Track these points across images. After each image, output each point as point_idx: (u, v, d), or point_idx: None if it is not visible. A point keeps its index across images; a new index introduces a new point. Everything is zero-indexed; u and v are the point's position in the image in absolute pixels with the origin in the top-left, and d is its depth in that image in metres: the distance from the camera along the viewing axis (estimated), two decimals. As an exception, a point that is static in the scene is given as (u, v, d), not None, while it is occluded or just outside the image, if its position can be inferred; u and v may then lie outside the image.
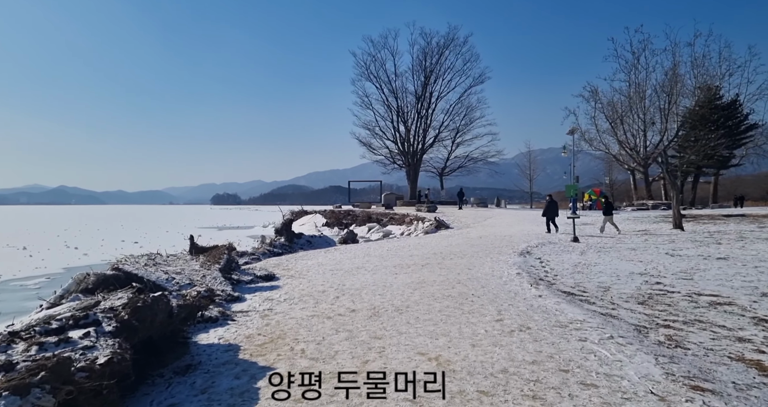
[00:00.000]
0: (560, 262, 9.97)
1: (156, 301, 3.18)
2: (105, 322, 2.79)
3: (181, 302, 3.68)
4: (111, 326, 2.76)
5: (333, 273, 8.31)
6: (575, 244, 13.46)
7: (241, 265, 9.30)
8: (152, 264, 6.18)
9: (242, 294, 6.39)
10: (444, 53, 41.69)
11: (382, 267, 9.03)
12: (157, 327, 3.21)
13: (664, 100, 39.83)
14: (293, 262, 10.31)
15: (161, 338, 3.62)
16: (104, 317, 2.84)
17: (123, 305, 3.05)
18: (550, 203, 15.91)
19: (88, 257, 16.00)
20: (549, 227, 15.83)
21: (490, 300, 5.69)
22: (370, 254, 11.43)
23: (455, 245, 13.20)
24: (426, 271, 8.35)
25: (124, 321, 2.83)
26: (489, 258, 10.46)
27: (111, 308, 3.01)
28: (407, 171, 43.06)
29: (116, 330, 2.75)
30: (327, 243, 15.41)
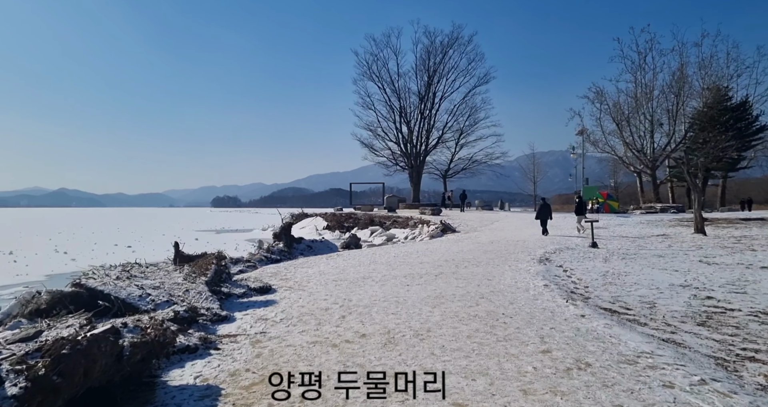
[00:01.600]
0: (586, 271, 9.06)
1: (94, 343, 2.27)
2: (9, 382, 1.88)
3: (138, 339, 2.76)
4: (18, 387, 1.86)
5: (337, 285, 7.40)
6: (595, 250, 12.56)
7: (234, 274, 8.39)
8: (126, 277, 5.27)
9: (231, 312, 5.47)
10: (448, 52, 40.57)
11: (391, 276, 8.11)
12: (96, 377, 2.30)
13: (671, 101, 38.98)
14: (292, 271, 9.39)
15: (114, 383, 2.70)
16: (9, 372, 1.93)
17: (42, 350, 2.13)
18: (543, 206, 16.04)
19: (75, 263, 15.10)
20: (545, 229, 15.93)
21: (526, 322, 4.77)
22: (377, 261, 10.51)
23: (467, 251, 12.28)
24: (441, 282, 7.44)
25: (38, 379, 1.93)
26: (507, 266, 9.55)
27: (24, 356, 2.08)
28: (410, 173, 42.01)
29: (25, 393, 1.85)
30: (329, 249, 14.50)
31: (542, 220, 15.93)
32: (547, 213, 15.98)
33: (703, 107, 39.63)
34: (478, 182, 53.72)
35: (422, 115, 41.52)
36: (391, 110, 41.80)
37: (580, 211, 16.44)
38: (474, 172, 43.18)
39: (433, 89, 41.10)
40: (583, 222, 15.74)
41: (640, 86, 40.64)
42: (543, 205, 16.26)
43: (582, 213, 16.39)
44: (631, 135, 41.06)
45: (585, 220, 15.36)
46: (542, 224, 15.91)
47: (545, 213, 15.97)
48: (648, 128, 40.80)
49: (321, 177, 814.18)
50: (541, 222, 15.95)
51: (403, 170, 42.86)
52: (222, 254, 6.79)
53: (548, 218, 16.02)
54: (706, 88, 40.33)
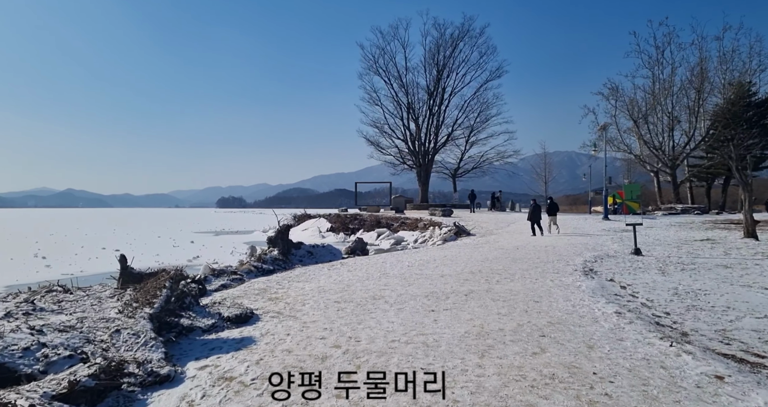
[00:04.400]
0: (648, 287, 7.29)
1: None
2: None
3: None
4: None
5: (339, 309, 5.65)
6: (641, 258, 10.78)
7: (213, 292, 6.68)
8: (24, 313, 3.59)
9: (183, 363, 3.74)
10: (458, 45, 38.68)
11: (409, 296, 6.37)
12: None
13: (692, 97, 37.00)
14: (285, 286, 7.67)
15: None
16: None
17: None
18: (535, 207, 16.25)
19: (49, 270, 13.50)
20: (534, 230, 16.17)
21: (643, 396, 2.99)
22: (388, 273, 8.76)
23: (492, 259, 10.51)
24: (476, 306, 5.69)
25: None
26: (548, 279, 7.79)
27: None
28: (418, 172, 40.11)
29: None
30: (331, 255, 12.77)
31: (533, 221, 16.19)
32: (538, 215, 16.23)
33: (725, 103, 37.63)
34: (483, 183, 51.37)
35: (431, 112, 39.65)
36: (399, 106, 39.96)
37: (552, 211, 17.18)
38: (485, 172, 41.28)
39: (442, 84, 39.23)
40: (556, 222, 16.83)
41: (657, 82, 38.72)
42: (534, 207, 16.36)
43: (554, 213, 17.15)
44: (648, 132, 39.15)
45: (553, 222, 16.74)
46: (533, 225, 16.20)
47: (537, 214, 16.19)
48: (668, 125, 38.83)
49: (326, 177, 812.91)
50: (532, 223, 16.23)
51: (410, 169, 41.01)
52: (181, 273, 5.06)
53: (539, 219, 16.29)
54: (729, 84, 38.35)
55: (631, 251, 11.49)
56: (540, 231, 16.21)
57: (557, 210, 17.72)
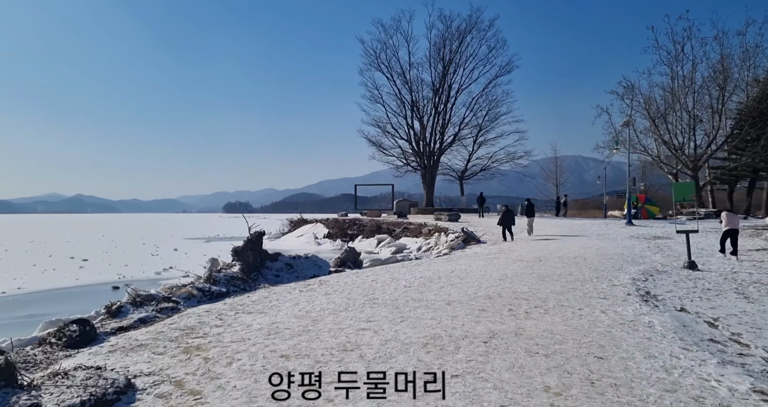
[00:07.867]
0: (746, 324, 5.08)
1: None
2: None
3: None
4: None
5: (281, 381, 3.41)
6: (700, 274, 8.57)
7: (111, 334, 4.56)
8: None
9: None
10: (465, 39, 36.38)
11: (399, 345, 4.18)
12: None
13: (714, 94, 34.52)
14: (227, 321, 5.48)
15: None
16: None
17: None
18: (506, 212, 16.31)
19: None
20: (505, 235, 16.11)
21: None
22: (376, 298, 6.56)
23: (512, 276, 8.26)
24: (503, 368, 3.49)
25: None
26: (598, 310, 5.57)
27: None
28: (422, 174, 37.79)
29: None
30: (316, 267, 10.59)
31: (505, 226, 16.08)
32: (510, 220, 16.15)
33: (750, 101, 35.16)
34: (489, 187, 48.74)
35: (436, 110, 37.31)
36: (402, 104, 37.66)
37: (530, 213, 17.32)
38: (493, 174, 38.94)
39: (448, 80, 36.90)
40: (532, 224, 17.12)
41: (677, 78, 36.26)
42: (506, 211, 16.37)
43: (532, 215, 17.34)
44: (668, 132, 36.67)
45: (529, 224, 17.00)
46: (504, 230, 16.12)
47: (509, 219, 16.15)
48: (689, 124, 36.31)
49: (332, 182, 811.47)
50: (503, 228, 16.12)
51: (414, 171, 38.73)
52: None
53: (512, 224, 16.24)
54: (755, 80, 35.92)
55: (684, 264, 9.25)
56: (510, 237, 16.01)
57: (534, 212, 17.76)
